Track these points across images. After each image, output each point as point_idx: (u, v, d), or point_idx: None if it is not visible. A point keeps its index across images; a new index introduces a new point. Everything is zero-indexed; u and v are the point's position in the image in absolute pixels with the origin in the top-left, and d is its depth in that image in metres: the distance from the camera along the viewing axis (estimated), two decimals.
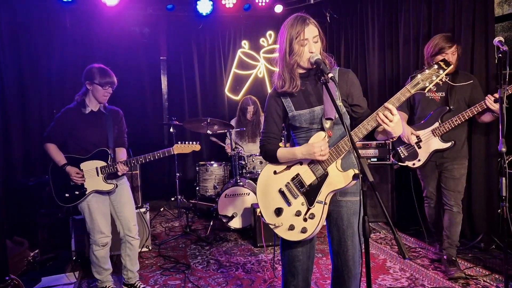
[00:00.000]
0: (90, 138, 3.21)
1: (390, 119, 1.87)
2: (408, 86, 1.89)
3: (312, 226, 2.06)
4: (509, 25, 4.10)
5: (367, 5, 5.55)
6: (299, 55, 2.05)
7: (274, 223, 2.16)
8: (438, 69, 1.88)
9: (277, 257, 3.98)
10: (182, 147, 3.38)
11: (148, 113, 6.64)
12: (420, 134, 3.50)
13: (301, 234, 2.08)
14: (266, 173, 2.27)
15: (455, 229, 3.44)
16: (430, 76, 1.87)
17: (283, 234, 2.14)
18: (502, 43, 2.69)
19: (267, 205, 2.22)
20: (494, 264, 3.62)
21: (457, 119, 3.31)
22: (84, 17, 5.86)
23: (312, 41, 2.05)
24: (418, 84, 1.88)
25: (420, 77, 1.88)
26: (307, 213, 2.08)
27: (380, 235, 4.61)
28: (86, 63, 5.71)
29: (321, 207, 2.06)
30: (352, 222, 2.12)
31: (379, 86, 5.41)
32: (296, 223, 2.10)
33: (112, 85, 3.22)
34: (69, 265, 3.91)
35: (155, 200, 6.29)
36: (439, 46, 3.30)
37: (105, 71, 3.20)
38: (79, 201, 3.16)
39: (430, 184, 3.62)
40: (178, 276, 3.64)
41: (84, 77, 3.20)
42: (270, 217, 2.19)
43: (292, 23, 2.07)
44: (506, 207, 2.63)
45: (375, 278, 3.40)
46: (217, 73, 6.93)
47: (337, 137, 2.12)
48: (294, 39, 2.03)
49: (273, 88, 2.24)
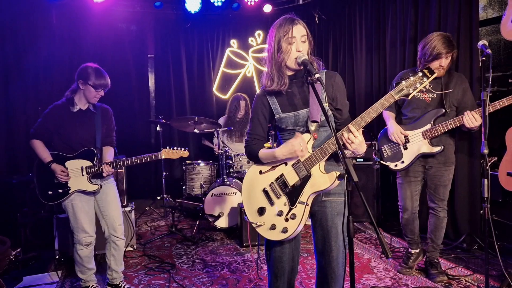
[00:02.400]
0: (77, 137, 3.16)
1: (352, 141, 1.97)
2: (392, 92, 1.94)
3: (293, 227, 2.08)
4: (494, 29, 4.17)
5: (355, 7, 5.61)
6: (287, 53, 2.06)
7: (256, 222, 2.19)
8: (422, 77, 1.93)
9: (262, 256, 3.98)
10: (171, 152, 3.35)
11: (135, 112, 6.60)
12: (409, 135, 3.31)
13: (282, 234, 2.10)
14: (252, 173, 2.29)
15: (440, 233, 3.40)
16: (414, 83, 1.93)
17: (265, 233, 2.16)
18: (486, 46, 2.73)
19: (250, 204, 2.25)
20: (476, 264, 3.68)
21: (452, 123, 3.13)
22: (71, 13, 5.79)
23: (299, 40, 2.06)
24: (402, 91, 1.93)
25: (405, 84, 1.93)
26: (288, 213, 2.10)
27: (365, 235, 4.64)
28: (73, 60, 5.77)
29: (303, 208, 2.08)
30: (336, 223, 2.14)
31: (366, 88, 5.47)
32: (278, 223, 2.12)
33: (105, 88, 3.18)
34: (52, 264, 3.85)
35: (141, 199, 6.24)
36: (437, 51, 3.09)
37: (100, 72, 3.14)
38: (62, 199, 3.12)
39: (407, 192, 3.42)
40: (163, 275, 3.62)
41: (77, 75, 3.14)
42: (253, 216, 2.22)
43: (281, 23, 2.10)
44: (488, 208, 2.68)
45: (359, 278, 3.43)
46: (205, 71, 6.91)
47: (322, 139, 2.14)
48: (282, 38, 2.05)
49: (261, 89, 2.25)
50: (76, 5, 5.75)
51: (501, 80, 4.05)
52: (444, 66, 3.18)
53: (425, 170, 3.38)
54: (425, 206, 3.69)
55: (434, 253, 3.45)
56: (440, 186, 3.35)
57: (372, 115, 1.95)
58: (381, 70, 5.20)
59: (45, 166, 3.11)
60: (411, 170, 3.40)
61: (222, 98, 6.96)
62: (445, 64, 3.16)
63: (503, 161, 3.38)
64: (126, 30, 6.48)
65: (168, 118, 5.74)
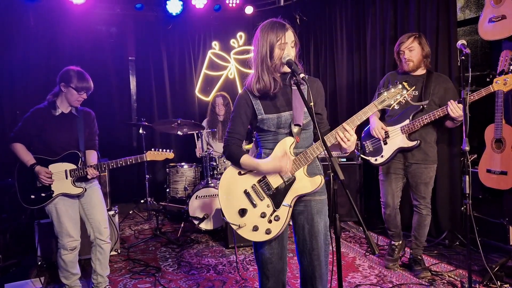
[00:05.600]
0: (59, 141, 3.12)
1: (348, 139, 2.04)
2: (376, 102, 2.09)
3: (277, 228, 2.10)
4: (471, 29, 4.27)
5: (335, 8, 5.66)
6: (279, 59, 2.07)
7: (238, 224, 2.17)
8: (402, 89, 2.08)
9: (248, 257, 3.98)
10: (156, 154, 3.33)
11: (116, 115, 6.50)
12: (389, 130, 3.46)
13: (265, 235, 2.11)
14: (230, 173, 2.26)
15: (423, 231, 3.48)
16: (395, 94, 2.08)
17: (247, 234, 2.16)
18: (464, 46, 2.79)
19: (230, 205, 2.22)
20: (458, 260, 3.76)
21: (427, 118, 3.25)
22: (49, 15, 5.68)
23: (289, 46, 2.09)
24: (384, 101, 2.08)
25: (386, 95, 2.09)
26: (272, 215, 2.12)
27: (349, 234, 4.69)
28: (51, 62, 5.67)
29: (287, 209, 2.11)
30: (317, 221, 2.16)
31: (348, 88, 5.52)
32: (261, 224, 2.13)
33: (88, 91, 3.14)
34: (33, 271, 3.77)
35: (124, 203, 6.15)
36: (399, 41, 3.48)
37: (83, 75, 3.10)
38: (45, 203, 3.06)
39: (389, 189, 3.55)
40: (148, 279, 3.58)
41: (59, 78, 3.10)
42: (233, 217, 2.20)
43: (272, 26, 2.09)
44: (469, 204, 2.73)
45: (344, 276, 3.46)
46: (187, 73, 6.87)
47: (304, 142, 2.17)
48: (275, 43, 2.06)
49: (244, 90, 2.23)
50: (54, 7, 5.64)
51: (479, 79, 4.14)
52: (409, 59, 3.39)
53: (405, 167, 3.49)
54: (408, 204, 3.79)
55: (417, 250, 3.52)
56: (421, 184, 3.43)
57: (356, 123, 2.07)
58: (362, 69, 5.26)
59: (27, 170, 3.04)
60: (392, 167, 3.52)
61: (204, 100, 6.93)
62: (409, 56, 3.39)
63: (482, 158, 3.47)
64: (106, 32, 6.39)
65: (150, 120, 5.70)
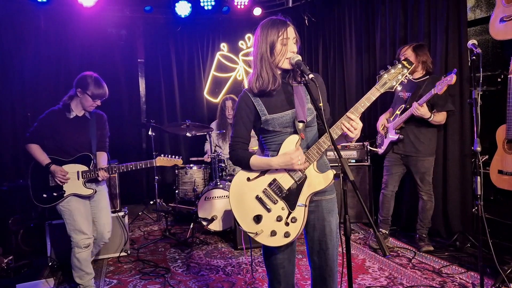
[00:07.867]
0: (72, 142, 3.20)
1: (354, 128, 1.97)
2: (377, 86, 1.98)
3: (295, 230, 2.04)
4: (482, 29, 4.22)
5: (344, 9, 5.64)
6: (282, 54, 2.06)
7: (255, 231, 2.09)
8: (402, 68, 1.99)
9: (257, 259, 3.97)
10: (165, 160, 3.41)
11: (125, 116, 6.55)
12: (388, 126, 4.10)
13: (284, 238, 2.05)
14: (239, 181, 2.18)
15: (426, 214, 3.99)
16: (396, 75, 1.98)
17: (265, 241, 2.09)
18: (475, 46, 2.77)
19: (244, 213, 2.14)
20: (469, 262, 3.71)
21: (404, 116, 3.83)
22: (60, 18, 5.74)
23: (292, 42, 2.08)
24: (386, 84, 1.98)
25: (387, 77, 1.98)
26: (288, 217, 2.06)
27: (359, 235, 4.66)
28: (61, 65, 5.72)
29: (303, 209, 2.05)
30: (329, 220, 2.13)
31: (357, 89, 5.49)
32: (278, 229, 2.06)
33: (103, 98, 3.22)
34: (45, 271, 3.80)
35: (134, 204, 6.20)
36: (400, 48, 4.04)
37: (99, 82, 3.17)
38: (56, 202, 3.13)
39: (390, 175, 4.11)
40: (157, 280, 3.59)
41: (76, 83, 3.17)
42: (249, 225, 2.11)
43: (272, 23, 2.09)
44: (481, 205, 2.70)
45: (354, 278, 3.44)
46: (196, 75, 6.90)
47: (309, 139, 2.14)
48: (277, 39, 2.05)
49: (244, 90, 2.20)
50: (64, 10, 5.69)
51: (490, 79, 4.09)
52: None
53: (402, 158, 4.05)
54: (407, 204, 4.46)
55: (422, 230, 4.05)
56: (418, 173, 3.96)
57: (360, 110, 1.97)
58: (371, 71, 5.23)
59: (41, 169, 3.12)
60: (392, 156, 4.10)
61: (213, 102, 6.95)
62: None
63: (494, 159, 3.42)
64: (115, 34, 6.44)
65: (159, 122, 5.72)
